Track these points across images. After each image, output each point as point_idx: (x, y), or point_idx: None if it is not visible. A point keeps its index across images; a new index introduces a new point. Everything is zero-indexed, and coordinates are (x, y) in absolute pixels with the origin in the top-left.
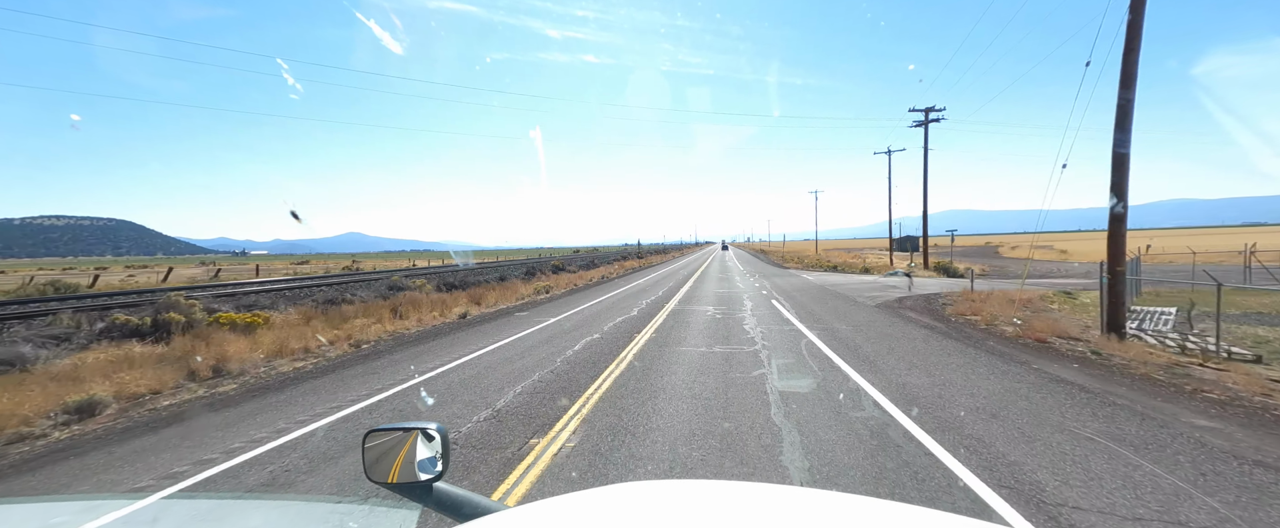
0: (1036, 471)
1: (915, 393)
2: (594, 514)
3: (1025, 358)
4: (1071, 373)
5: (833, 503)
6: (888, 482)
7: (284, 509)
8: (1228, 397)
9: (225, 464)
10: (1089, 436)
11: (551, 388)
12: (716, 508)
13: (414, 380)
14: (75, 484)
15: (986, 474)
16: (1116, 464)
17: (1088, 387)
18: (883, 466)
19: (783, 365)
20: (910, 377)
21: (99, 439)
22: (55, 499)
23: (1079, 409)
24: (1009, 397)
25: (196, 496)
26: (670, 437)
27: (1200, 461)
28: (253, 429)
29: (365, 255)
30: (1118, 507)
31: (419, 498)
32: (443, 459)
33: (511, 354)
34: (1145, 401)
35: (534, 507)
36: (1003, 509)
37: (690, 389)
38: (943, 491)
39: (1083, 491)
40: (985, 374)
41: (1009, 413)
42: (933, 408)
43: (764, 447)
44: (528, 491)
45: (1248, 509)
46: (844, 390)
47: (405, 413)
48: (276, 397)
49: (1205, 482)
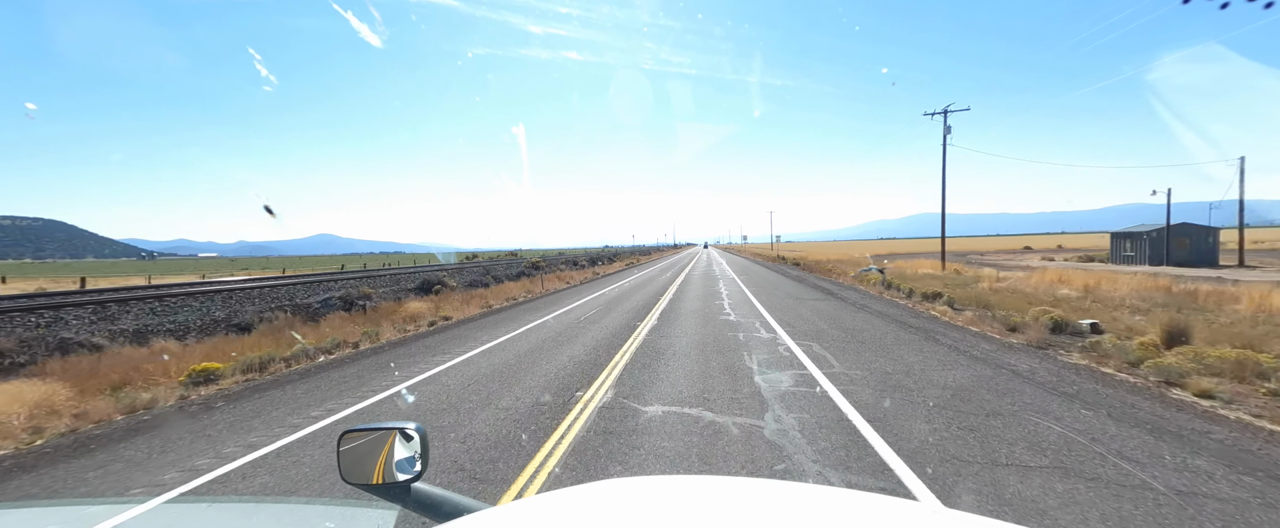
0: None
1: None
2: (576, 513)
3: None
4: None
5: (824, 498)
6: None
7: (258, 512)
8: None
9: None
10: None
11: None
12: (700, 505)
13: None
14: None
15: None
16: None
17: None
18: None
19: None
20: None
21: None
22: (46, 505)
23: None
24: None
25: (183, 500)
26: None
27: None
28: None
29: (297, 261)
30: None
31: (397, 499)
32: (421, 459)
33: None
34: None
35: (515, 506)
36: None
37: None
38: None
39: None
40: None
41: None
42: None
43: None
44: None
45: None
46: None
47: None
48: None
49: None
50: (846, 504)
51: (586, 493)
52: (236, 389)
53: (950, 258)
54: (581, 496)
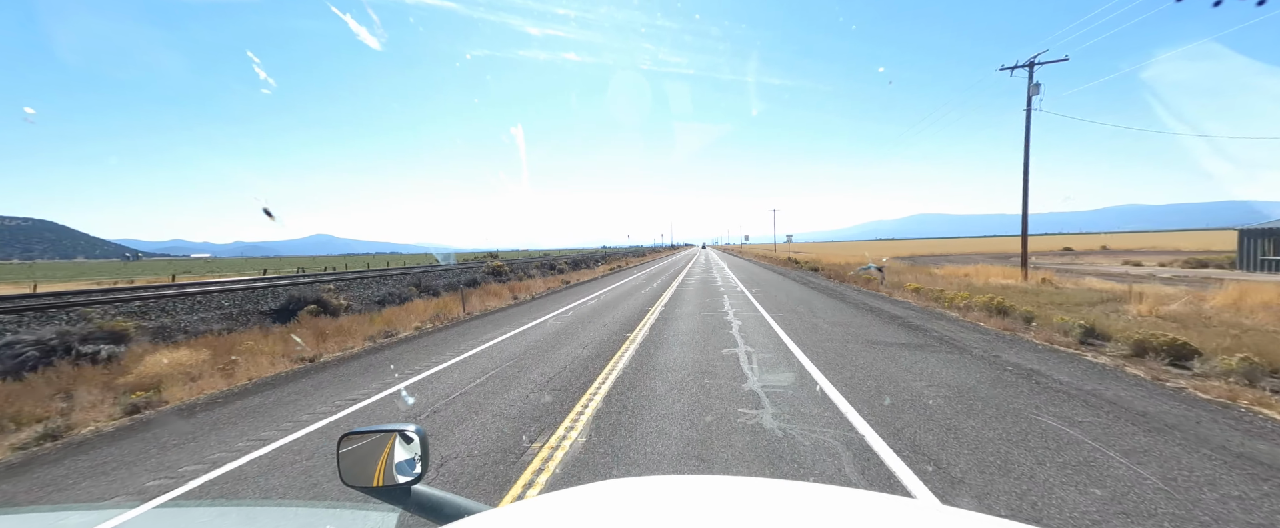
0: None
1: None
2: (577, 514)
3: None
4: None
5: (824, 497)
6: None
7: (257, 516)
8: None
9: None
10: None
11: None
12: (701, 505)
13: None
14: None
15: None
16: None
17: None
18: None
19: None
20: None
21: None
22: (32, 511)
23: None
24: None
25: (180, 504)
26: None
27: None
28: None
29: (276, 261)
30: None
31: (398, 501)
32: (422, 461)
33: None
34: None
35: (515, 507)
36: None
37: None
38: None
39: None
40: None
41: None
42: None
43: None
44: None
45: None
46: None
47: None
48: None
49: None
50: (847, 503)
51: (587, 494)
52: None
53: (992, 260)
54: (582, 496)
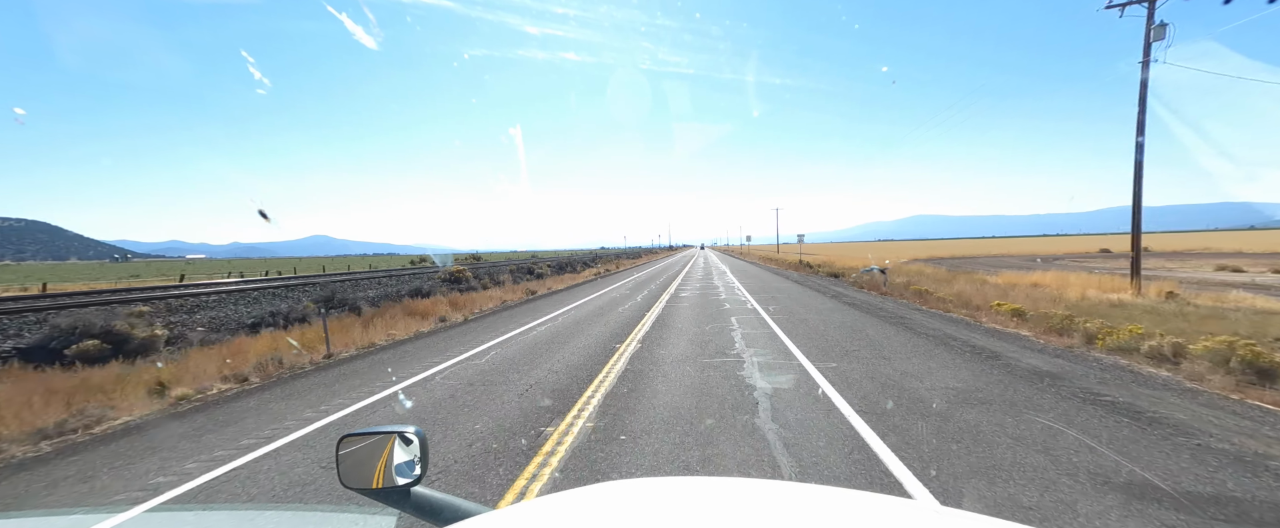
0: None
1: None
2: (577, 515)
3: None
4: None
5: (823, 498)
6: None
7: (256, 519)
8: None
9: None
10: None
11: None
12: (701, 506)
13: None
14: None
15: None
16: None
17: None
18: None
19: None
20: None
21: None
22: (24, 516)
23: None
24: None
25: (174, 508)
26: None
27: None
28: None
29: (265, 262)
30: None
31: (397, 503)
32: (421, 463)
33: None
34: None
35: (515, 508)
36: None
37: None
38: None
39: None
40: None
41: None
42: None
43: None
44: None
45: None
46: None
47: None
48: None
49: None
50: (846, 504)
51: (587, 495)
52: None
53: (1016, 262)
54: (582, 497)
